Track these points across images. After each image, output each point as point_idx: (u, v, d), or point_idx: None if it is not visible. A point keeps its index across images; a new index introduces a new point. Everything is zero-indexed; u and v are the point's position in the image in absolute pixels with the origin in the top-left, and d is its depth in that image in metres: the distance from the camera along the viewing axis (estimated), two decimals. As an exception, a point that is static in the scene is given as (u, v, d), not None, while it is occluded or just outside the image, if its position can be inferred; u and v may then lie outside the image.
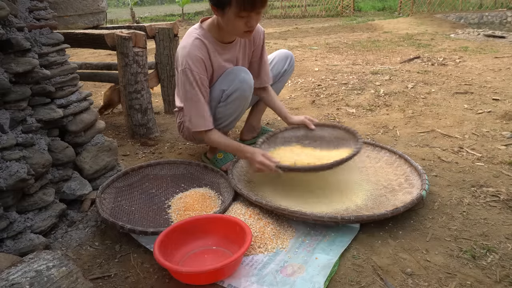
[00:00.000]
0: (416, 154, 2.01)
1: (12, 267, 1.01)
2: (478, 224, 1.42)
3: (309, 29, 8.54)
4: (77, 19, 2.64)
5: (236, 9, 1.47)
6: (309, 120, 1.92)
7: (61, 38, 1.61)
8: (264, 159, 1.58)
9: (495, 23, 8.78)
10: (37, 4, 1.54)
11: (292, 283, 1.17)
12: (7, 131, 1.30)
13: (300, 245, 1.35)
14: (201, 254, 1.33)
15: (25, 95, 1.37)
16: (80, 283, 1.04)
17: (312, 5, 13.32)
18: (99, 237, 1.47)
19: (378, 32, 7.30)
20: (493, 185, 1.67)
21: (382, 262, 1.26)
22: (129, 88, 2.31)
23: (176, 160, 1.92)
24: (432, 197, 1.60)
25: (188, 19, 13.43)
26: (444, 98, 2.90)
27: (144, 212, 1.59)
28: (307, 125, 1.91)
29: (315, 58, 4.83)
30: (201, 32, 1.68)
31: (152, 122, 2.46)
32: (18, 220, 1.32)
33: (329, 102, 3.01)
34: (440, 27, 7.34)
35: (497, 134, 2.20)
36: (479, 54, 4.47)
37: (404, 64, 4.18)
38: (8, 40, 1.33)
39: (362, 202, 1.55)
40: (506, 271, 1.19)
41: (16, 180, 1.25)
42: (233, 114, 1.80)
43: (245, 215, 1.48)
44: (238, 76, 1.71)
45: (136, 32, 2.27)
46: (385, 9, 13.00)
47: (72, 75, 1.63)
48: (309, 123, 1.90)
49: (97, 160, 1.71)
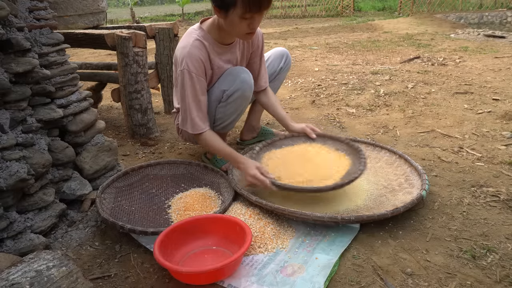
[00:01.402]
0: (416, 154, 2.01)
1: (12, 267, 1.01)
2: (478, 224, 1.42)
3: (309, 29, 8.54)
4: (77, 19, 2.64)
5: (241, 10, 1.47)
6: (311, 129, 1.85)
7: (61, 38, 1.61)
8: (258, 173, 1.52)
9: (495, 23, 8.78)
10: (37, 4, 1.54)
11: (292, 283, 1.17)
12: (7, 131, 1.30)
13: (300, 245, 1.35)
14: (201, 254, 1.33)
15: (25, 95, 1.37)
16: (80, 283, 1.04)
17: (312, 5, 13.33)
18: (99, 237, 1.47)
19: (378, 32, 7.30)
20: (493, 185, 1.67)
21: (382, 262, 1.26)
22: (129, 88, 2.31)
23: (176, 160, 1.92)
24: (432, 197, 1.60)
25: (188, 19, 13.43)
26: (444, 98, 2.90)
27: (144, 212, 1.59)
28: (307, 134, 1.84)
29: (315, 58, 4.83)
30: (201, 33, 1.68)
31: (152, 122, 2.46)
32: (18, 220, 1.32)
33: (329, 102, 3.01)
34: (440, 27, 7.34)
35: (497, 134, 2.20)
36: (479, 54, 4.47)
37: (404, 64, 4.18)
38: (8, 40, 1.33)
39: (362, 202, 1.55)
40: (506, 271, 1.19)
41: (16, 180, 1.25)
42: (234, 114, 1.80)
43: (245, 215, 1.48)
44: (239, 76, 1.71)
45: (136, 32, 2.27)
46: (385, 9, 13.00)
47: (72, 75, 1.63)
48: (310, 132, 1.84)
49: (97, 160, 1.71)
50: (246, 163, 1.58)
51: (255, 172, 1.52)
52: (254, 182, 1.53)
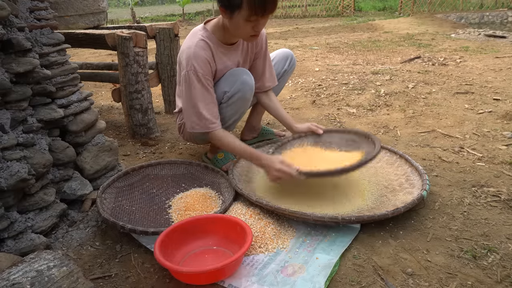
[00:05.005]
0: (416, 154, 2.01)
1: (13, 267, 1.01)
2: (479, 224, 1.42)
3: (310, 29, 8.54)
4: (78, 19, 2.65)
5: (246, 13, 1.47)
6: (315, 126, 1.88)
7: (61, 38, 1.61)
8: (283, 166, 1.53)
9: (496, 23, 8.77)
10: (38, 4, 1.54)
11: (292, 283, 1.17)
12: (8, 131, 1.30)
13: (301, 245, 1.35)
14: (201, 254, 1.33)
15: (25, 95, 1.37)
16: (81, 283, 1.04)
17: (312, 5, 13.33)
18: (99, 237, 1.47)
19: (378, 32, 7.30)
20: (494, 185, 1.67)
21: (382, 262, 1.26)
22: (130, 88, 2.31)
23: (177, 160, 1.92)
24: (433, 197, 1.60)
25: (188, 19, 13.43)
26: (445, 98, 2.90)
27: (144, 212, 1.60)
28: (314, 131, 1.86)
29: (316, 58, 4.83)
30: (205, 34, 1.68)
31: (152, 122, 2.46)
32: (19, 220, 1.32)
33: (330, 102, 3.01)
34: (441, 27, 7.34)
35: (498, 134, 2.20)
36: (479, 54, 4.47)
37: (404, 64, 4.18)
38: (9, 40, 1.33)
39: (362, 202, 1.55)
40: (507, 271, 1.19)
41: (17, 180, 1.25)
42: (235, 115, 1.80)
43: (246, 215, 1.48)
44: (240, 77, 1.71)
45: (137, 32, 2.27)
46: (386, 9, 13.00)
47: (73, 75, 1.63)
48: (316, 129, 1.87)
49: (97, 160, 1.71)
50: (270, 159, 1.58)
51: (281, 166, 1.53)
52: (281, 176, 1.54)
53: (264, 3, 1.46)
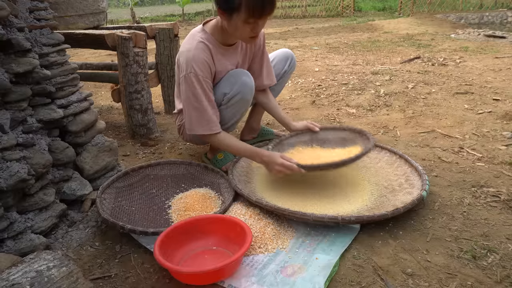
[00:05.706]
0: (416, 154, 2.01)
1: (13, 267, 1.01)
2: (479, 225, 1.42)
3: (310, 29, 8.55)
4: (78, 19, 2.65)
5: (244, 15, 1.47)
6: (312, 124, 1.92)
7: (61, 39, 1.61)
8: (284, 160, 1.57)
9: (495, 23, 8.78)
10: (37, 4, 1.54)
11: (292, 284, 1.17)
12: (7, 131, 1.30)
13: (301, 246, 1.35)
14: (201, 254, 1.33)
15: (25, 95, 1.37)
16: (81, 283, 1.04)
17: (312, 5, 13.33)
18: (99, 237, 1.47)
19: (378, 32, 7.30)
20: (494, 186, 1.67)
21: (382, 263, 1.26)
22: (130, 88, 2.31)
23: (177, 160, 1.92)
24: (433, 198, 1.60)
25: (188, 20, 13.44)
26: (445, 98, 2.90)
27: (144, 212, 1.59)
28: (311, 128, 1.90)
29: (315, 58, 4.84)
30: (204, 36, 1.68)
31: (152, 122, 2.46)
32: (19, 220, 1.32)
33: (329, 102, 3.01)
34: (441, 27, 7.35)
35: (498, 134, 2.20)
36: (479, 54, 4.47)
37: (404, 64, 4.18)
38: (8, 41, 1.33)
39: (362, 203, 1.55)
40: (507, 272, 1.19)
41: (16, 180, 1.25)
42: (235, 117, 1.80)
43: (246, 216, 1.48)
44: (240, 79, 1.71)
45: (137, 32, 2.27)
46: (386, 9, 13.00)
47: (73, 75, 1.63)
48: (313, 127, 1.90)
49: (97, 160, 1.71)
50: (271, 155, 1.62)
51: (282, 160, 1.57)
52: (283, 170, 1.58)
53: (262, 5, 1.46)
